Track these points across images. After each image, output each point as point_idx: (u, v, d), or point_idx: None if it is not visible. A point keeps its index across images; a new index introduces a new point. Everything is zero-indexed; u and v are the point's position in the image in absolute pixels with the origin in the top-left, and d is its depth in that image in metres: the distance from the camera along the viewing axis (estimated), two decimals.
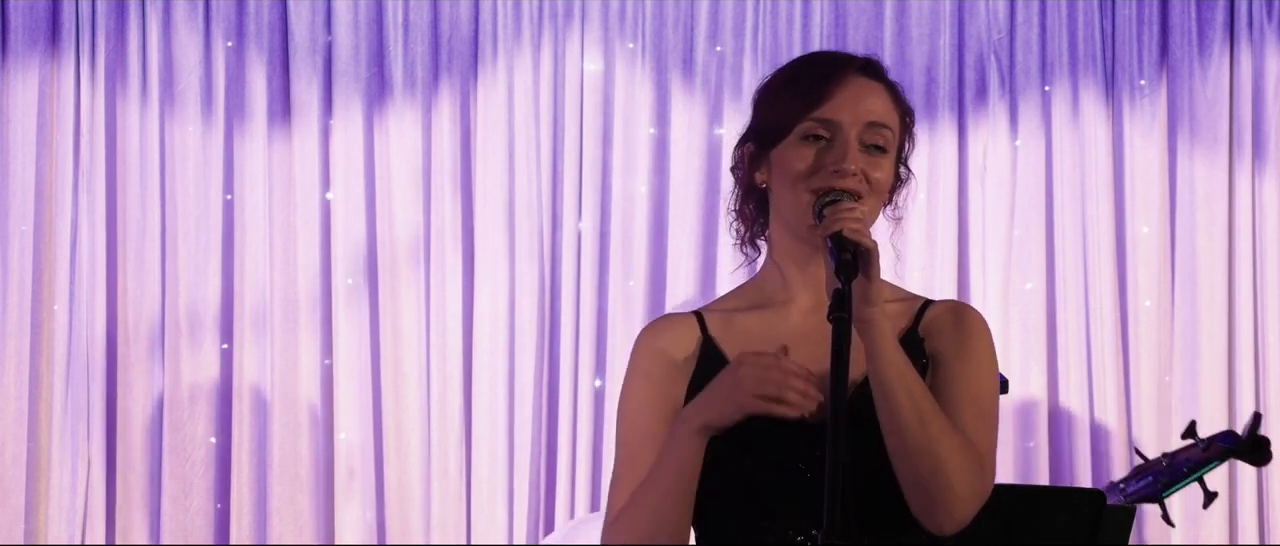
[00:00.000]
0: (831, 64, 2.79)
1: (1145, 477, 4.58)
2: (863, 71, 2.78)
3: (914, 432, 2.63)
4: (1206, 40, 5.77)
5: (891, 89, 2.80)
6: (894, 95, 2.80)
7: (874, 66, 2.80)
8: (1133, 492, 4.57)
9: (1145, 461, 4.63)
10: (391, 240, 5.77)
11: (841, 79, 2.75)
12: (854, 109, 2.74)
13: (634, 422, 2.78)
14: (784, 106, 2.76)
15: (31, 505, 5.71)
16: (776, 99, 2.78)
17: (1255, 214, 5.74)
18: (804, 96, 2.75)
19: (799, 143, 2.75)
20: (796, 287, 2.79)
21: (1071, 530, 3.96)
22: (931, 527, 2.67)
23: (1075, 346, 5.71)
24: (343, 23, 5.77)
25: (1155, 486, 4.56)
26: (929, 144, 5.73)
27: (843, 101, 2.74)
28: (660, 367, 2.79)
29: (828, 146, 2.73)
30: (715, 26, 5.80)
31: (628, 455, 2.78)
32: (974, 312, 2.80)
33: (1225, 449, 4.58)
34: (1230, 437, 4.60)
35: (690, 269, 5.74)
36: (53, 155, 5.75)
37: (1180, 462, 4.57)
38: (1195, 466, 4.56)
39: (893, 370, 2.63)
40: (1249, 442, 4.59)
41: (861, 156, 2.73)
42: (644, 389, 2.79)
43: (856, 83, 2.76)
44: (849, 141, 2.72)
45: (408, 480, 5.73)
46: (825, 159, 2.72)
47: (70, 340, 5.71)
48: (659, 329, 2.83)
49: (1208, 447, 4.58)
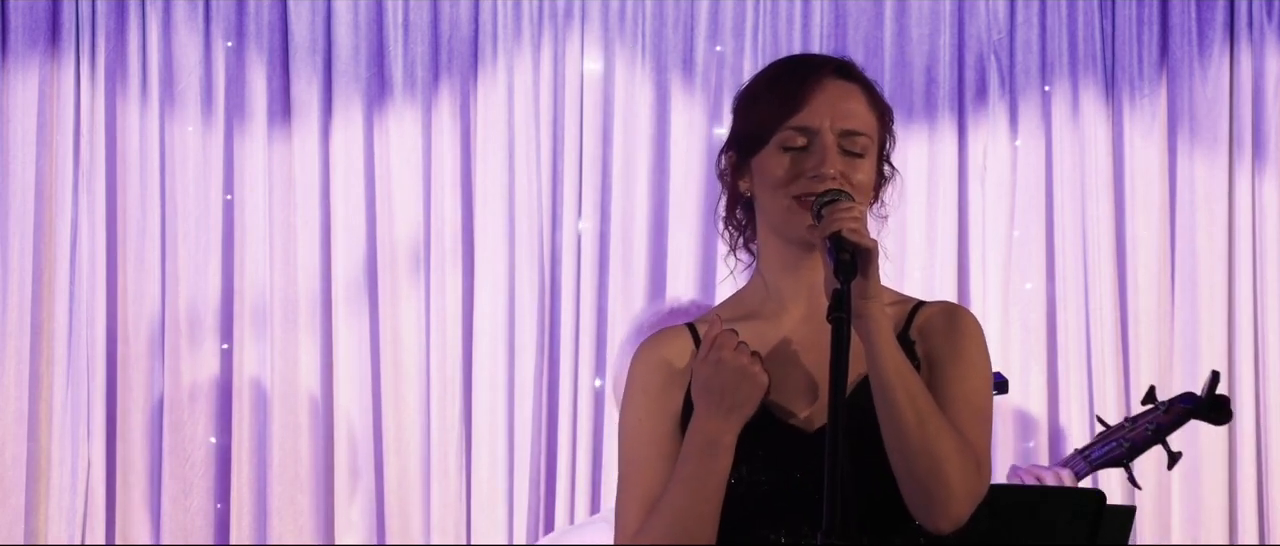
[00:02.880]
0: (806, 69, 2.80)
1: (1109, 443, 4.61)
2: (838, 73, 2.79)
3: (912, 431, 2.63)
4: (1206, 40, 5.77)
5: (868, 89, 2.80)
6: (871, 95, 2.80)
7: (848, 68, 2.81)
8: (1097, 457, 4.60)
9: (1107, 427, 4.66)
10: (391, 240, 5.77)
11: (817, 84, 2.76)
12: (830, 113, 2.75)
13: (635, 436, 2.80)
14: (761, 114, 2.78)
15: (31, 505, 5.71)
16: (754, 107, 2.80)
17: (1255, 214, 5.74)
18: (780, 104, 2.76)
19: (777, 151, 2.76)
20: (788, 295, 2.80)
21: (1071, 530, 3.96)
22: (929, 526, 2.68)
23: (1075, 346, 5.71)
24: (343, 23, 5.77)
25: (1119, 450, 4.60)
26: (929, 144, 5.73)
27: (818, 107, 2.75)
28: (658, 379, 2.80)
29: (806, 152, 2.74)
30: (715, 26, 5.80)
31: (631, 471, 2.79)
32: (966, 313, 2.81)
33: (1186, 409, 4.61)
34: (1190, 398, 4.63)
35: (690, 269, 5.74)
36: (53, 155, 5.75)
37: (1142, 426, 4.61)
38: (1159, 429, 4.60)
39: (892, 368, 2.64)
40: (1208, 402, 4.61)
41: (840, 159, 2.74)
42: (643, 403, 2.80)
43: (832, 86, 2.77)
44: (827, 146, 2.73)
45: (408, 480, 5.73)
46: (804, 165, 2.73)
47: (70, 340, 5.71)
48: (655, 344, 2.84)
49: (1168, 410, 4.61)
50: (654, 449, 2.77)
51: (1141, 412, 4.65)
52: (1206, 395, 4.62)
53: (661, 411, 2.78)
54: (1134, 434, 4.61)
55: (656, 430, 2.78)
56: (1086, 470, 4.60)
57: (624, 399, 2.83)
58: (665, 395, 2.79)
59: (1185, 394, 4.66)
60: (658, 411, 2.79)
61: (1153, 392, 4.65)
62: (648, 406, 2.79)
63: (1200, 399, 4.62)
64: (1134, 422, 4.63)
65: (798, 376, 2.75)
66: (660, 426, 2.78)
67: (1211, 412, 4.63)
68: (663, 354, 2.81)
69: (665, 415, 2.78)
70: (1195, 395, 4.64)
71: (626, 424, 2.81)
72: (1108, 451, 4.60)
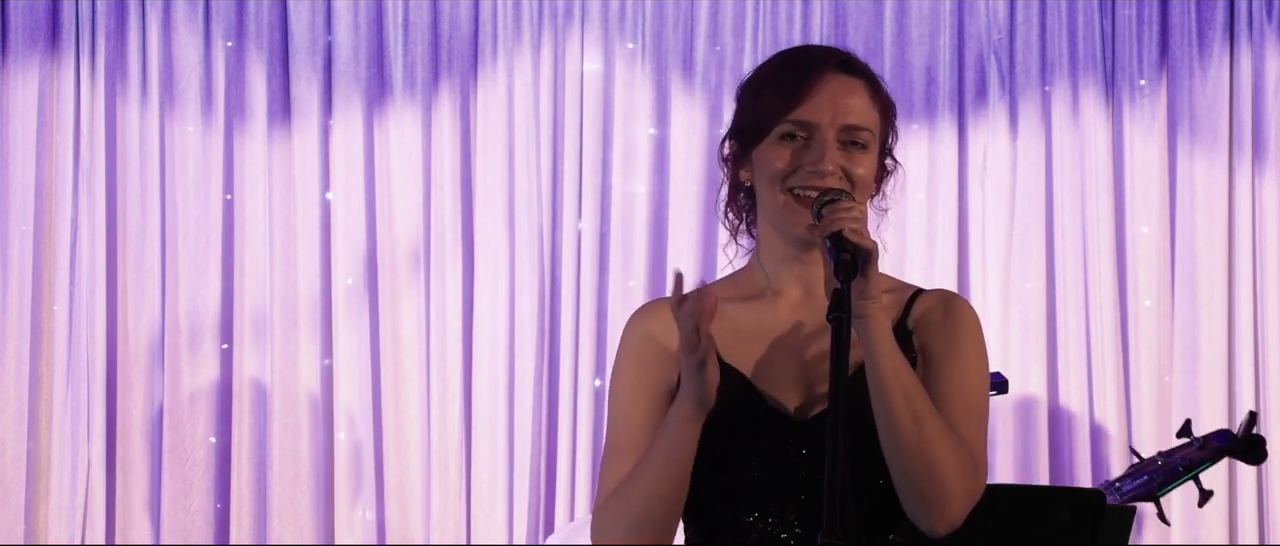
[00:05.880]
0: (809, 63, 2.79)
1: (1141, 477, 4.58)
2: (841, 68, 2.78)
3: (908, 431, 2.63)
4: (1206, 40, 5.77)
5: (870, 84, 2.80)
6: (873, 89, 2.80)
7: (851, 61, 2.80)
8: (1128, 492, 4.57)
9: (1140, 460, 4.63)
10: (392, 240, 5.77)
11: (819, 78, 2.76)
12: (831, 109, 2.74)
13: (623, 402, 2.81)
14: (763, 106, 2.77)
15: (31, 505, 5.71)
16: (756, 98, 2.80)
17: (1255, 214, 5.74)
18: (782, 97, 2.76)
19: (777, 143, 2.76)
20: (785, 281, 2.80)
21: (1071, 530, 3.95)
22: (923, 527, 2.67)
23: (1075, 346, 5.71)
24: (343, 23, 5.78)
25: (1150, 485, 4.56)
26: (929, 144, 5.73)
27: (820, 102, 2.75)
28: (650, 350, 2.80)
29: (805, 146, 2.74)
30: (715, 26, 5.80)
31: (617, 435, 2.80)
32: (964, 304, 2.80)
33: (1220, 447, 4.58)
34: (1225, 436, 4.60)
35: (690, 269, 5.74)
36: (53, 155, 5.75)
37: (1176, 461, 4.57)
38: (1191, 465, 4.56)
39: (889, 369, 2.63)
40: (1244, 441, 4.59)
41: (840, 154, 2.74)
42: (633, 370, 2.81)
43: (834, 81, 2.77)
44: (826, 142, 2.73)
45: (408, 480, 5.73)
46: (803, 159, 2.73)
47: (70, 340, 5.71)
48: (648, 313, 2.84)
49: (1203, 446, 4.58)
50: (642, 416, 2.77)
51: (1175, 447, 4.61)
52: (1243, 434, 4.59)
53: (650, 379, 2.79)
54: (1166, 468, 4.57)
55: (646, 398, 2.78)
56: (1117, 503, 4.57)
57: (614, 365, 2.83)
58: (657, 364, 2.79)
59: (1221, 431, 4.62)
60: (648, 380, 2.79)
61: (1188, 426, 4.61)
62: (638, 371, 2.80)
63: (1237, 437, 4.59)
64: (1167, 457, 4.59)
65: (790, 364, 2.75)
66: (649, 394, 2.78)
67: (1247, 452, 4.60)
68: (657, 325, 2.81)
69: (653, 383, 2.79)
70: (1231, 433, 4.60)
71: (616, 390, 2.82)
72: (1139, 485, 4.56)
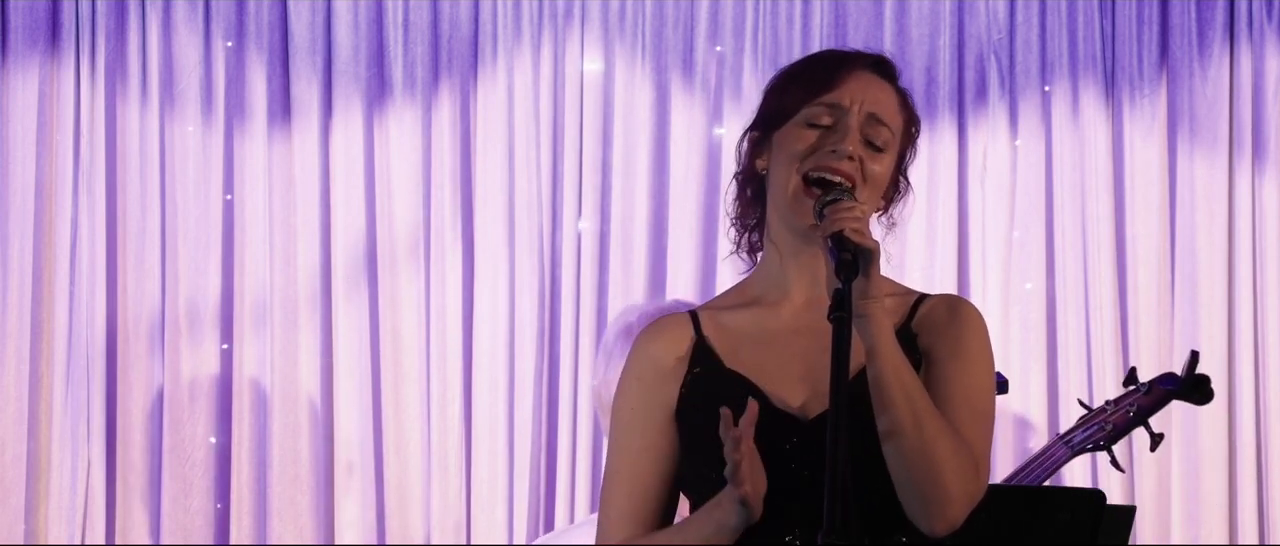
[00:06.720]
0: (843, 57, 2.81)
1: (1091, 426, 4.61)
2: (874, 67, 2.80)
3: (909, 433, 2.62)
4: (1206, 40, 5.76)
5: (901, 93, 2.81)
6: (902, 99, 2.81)
7: (887, 65, 2.81)
8: (1078, 441, 4.60)
9: (1090, 410, 4.66)
10: (391, 240, 5.77)
11: (852, 70, 2.77)
12: (861, 96, 2.75)
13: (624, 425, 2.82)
14: (791, 92, 2.78)
15: (31, 505, 5.71)
16: (785, 87, 2.80)
17: (1255, 214, 5.74)
18: (811, 82, 2.77)
19: (802, 125, 2.76)
20: (791, 281, 2.80)
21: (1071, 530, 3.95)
22: (924, 528, 2.66)
23: (1075, 346, 5.71)
24: (343, 23, 5.77)
25: (1100, 433, 4.59)
26: (929, 144, 5.72)
27: (850, 88, 2.76)
28: (651, 373, 2.81)
29: (829, 131, 2.74)
30: (715, 26, 5.80)
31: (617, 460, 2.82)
32: (969, 307, 2.80)
33: (1167, 391, 4.60)
34: (1172, 379, 4.62)
35: (690, 269, 5.74)
36: (53, 155, 5.75)
37: (1124, 408, 4.60)
38: (1141, 412, 4.60)
39: (890, 369, 2.63)
40: (1190, 382, 4.60)
41: (861, 148, 2.74)
42: (635, 391, 2.81)
43: (866, 76, 2.78)
44: (851, 126, 2.74)
45: (408, 480, 5.73)
46: (826, 141, 2.73)
47: (70, 340, 5.71)
48: (653, 334, 2.84)
49: (1150, 392, 4.60)
50: (642, 440, 2.78)
51: (1123, 394, 4.64)
52: (1187, 375, 4.61)
53: (653, 403, 2.79)
54: (1115, 416, 4.60)
55: (647, 421, 2.78)
56: (1068, 454, 4.60)
57: (619, 385, 2.83)
58: (658, 385, 2.79)
59: (1166, 374, 4.65)
60: (650, 402, 2.79)
61: (1134, 374, 4.64)
62: (641, 395, 2.80)
63: (1181, 378, 4.61)
64: (1115, 405, 4.62)
65: (795, 364, 2.75)
66: (651, 417, 2.79)
67: (1193, 392, 4.63)
68: (661, 343, 2.81)
69: (657, 406, 2.79)
70: (1176, 375, 4.63)
71: (618, 408, 2.82)
72: (1089, 435, 4.60)
